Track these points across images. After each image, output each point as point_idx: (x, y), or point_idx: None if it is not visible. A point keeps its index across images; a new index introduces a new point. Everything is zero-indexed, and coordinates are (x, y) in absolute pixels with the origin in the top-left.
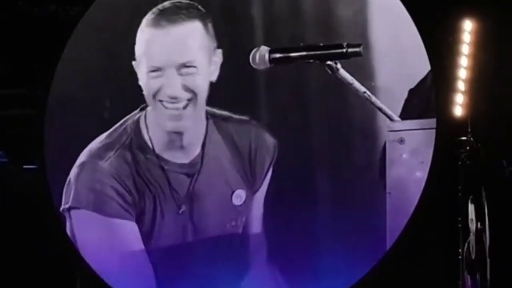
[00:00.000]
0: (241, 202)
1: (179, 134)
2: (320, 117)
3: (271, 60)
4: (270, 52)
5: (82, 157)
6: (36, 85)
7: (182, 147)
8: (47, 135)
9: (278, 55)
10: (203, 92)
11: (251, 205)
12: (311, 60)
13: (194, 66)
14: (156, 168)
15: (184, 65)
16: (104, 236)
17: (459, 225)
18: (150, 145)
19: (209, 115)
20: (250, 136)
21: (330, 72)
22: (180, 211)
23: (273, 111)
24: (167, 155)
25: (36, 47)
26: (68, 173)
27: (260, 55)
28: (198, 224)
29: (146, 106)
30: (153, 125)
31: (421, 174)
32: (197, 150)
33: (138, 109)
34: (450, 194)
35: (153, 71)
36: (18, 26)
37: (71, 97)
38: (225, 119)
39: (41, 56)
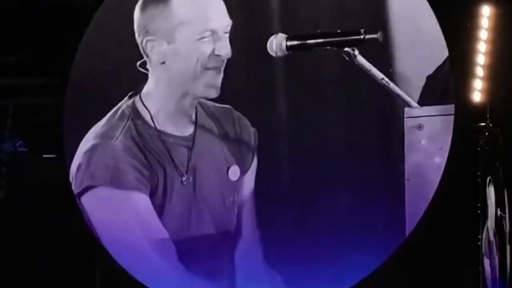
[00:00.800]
0: (236, 178)
1: (192, 100)
2: (337, 104)
3: (288, 48)
4: (287, 39)
5: (88, 143)
6: (54, 73)
7: (187, 115)
8: (66, 124)
9: (295, 42)
10: None
11: (243, 185)
12: (328, 47)
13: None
14: (159, 143)
15: (227, 26)
16: (121, 211)
17: (479, 211)
18: (151, 122)
19: None
20: (233, 119)
21: (347, 58)
22: (184, 182)
23: (290, 99)
24: (169, 129)
25: (54, 35)
26: None
27: (277, 42)
28: (199, 197)
29: (134, 94)
30: (157, 99)
31: (440, 160)
32: (192, 126)
33: (127, 97)
34: (469, 180)
35: (205, 36)
36: (36, 14)
37: (90, 85)
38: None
39: (59, 45)
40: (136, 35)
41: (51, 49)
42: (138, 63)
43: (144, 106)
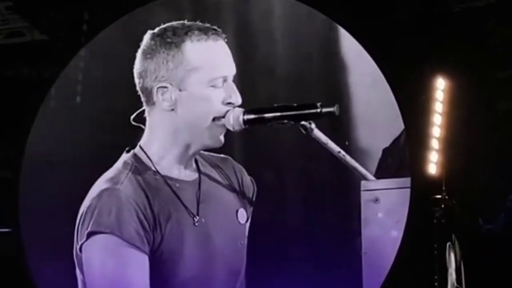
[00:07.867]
0: (244, 221)
1: (197, 148)
2: (294, 177)
3: (246, 122)
4: (245, 113)
5: (97, 187)
6: (10, 147)
7: (190, 162)
8: (22, 198)
9: (252, 116)
10: None
11: (246, 231)
12: (285, 121)
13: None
14: (166, 187)
15: (234, 75)
16: (113, 263)
17: (436, 284)
18: (155, 168)
19: None
20: (234, 167)
21: (304, 132)
22: (196, 223)
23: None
24: (174, 174)
25: (10, 109)
26: (44, 237)
27: (234, 116)
28: (213, 238)
29: (131, 148)
30: (161, 146)
31: (396, 233)
32: (196, 173)
33: (124, 153)
34: (426, 253)
35: (217, 83)
36: None
37: (46, 159)
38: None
39: (14, 118)
40: (139, 81)
41: (6, 123)
42: (133, 115)
43: (146, 154)
